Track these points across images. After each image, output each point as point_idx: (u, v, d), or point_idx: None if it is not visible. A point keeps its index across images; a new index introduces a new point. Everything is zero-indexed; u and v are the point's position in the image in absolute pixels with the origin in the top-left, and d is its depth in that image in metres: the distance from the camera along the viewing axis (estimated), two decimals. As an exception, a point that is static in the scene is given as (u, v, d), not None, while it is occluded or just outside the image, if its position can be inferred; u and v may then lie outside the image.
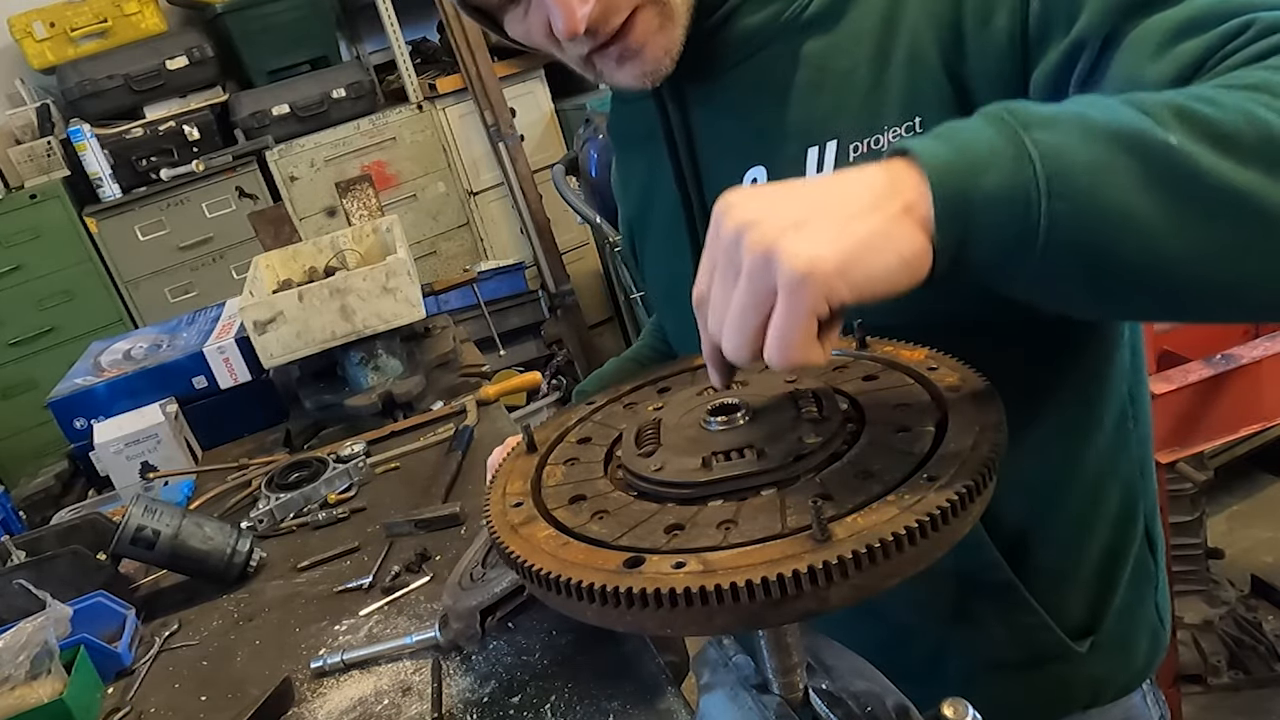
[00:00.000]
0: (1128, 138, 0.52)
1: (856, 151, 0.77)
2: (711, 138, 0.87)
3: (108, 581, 1.37)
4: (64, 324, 3.79)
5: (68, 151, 3.72)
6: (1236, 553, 2.70)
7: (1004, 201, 0.52)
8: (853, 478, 0.57)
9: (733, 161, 0.85)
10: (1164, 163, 0.51)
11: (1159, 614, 0.98)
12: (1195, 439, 1.90)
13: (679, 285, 0.93)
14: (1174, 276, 0.53)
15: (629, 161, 1.03)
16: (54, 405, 1.99)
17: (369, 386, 1.99)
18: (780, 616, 0.51)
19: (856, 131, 0.78)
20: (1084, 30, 0.66)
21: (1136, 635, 0.96)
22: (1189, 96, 0.54)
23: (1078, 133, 0.53)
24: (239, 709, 1.08)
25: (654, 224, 0.99)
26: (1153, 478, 0.95)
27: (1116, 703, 0.95)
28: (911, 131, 0.75)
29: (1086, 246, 0.52)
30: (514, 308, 4.13)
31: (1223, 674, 2.34)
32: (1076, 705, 0.94)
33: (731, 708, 0.68)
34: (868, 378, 0.69)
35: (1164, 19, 0.62)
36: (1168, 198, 0.51)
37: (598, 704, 0.96)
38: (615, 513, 0.60)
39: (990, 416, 0.59)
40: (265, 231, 2.47)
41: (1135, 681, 0.96)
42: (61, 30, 3.74)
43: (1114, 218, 0.51)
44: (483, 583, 0.99)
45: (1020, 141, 0.52)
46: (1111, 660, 0.94)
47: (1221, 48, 0.59)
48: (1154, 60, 0.62)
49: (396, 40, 4.04)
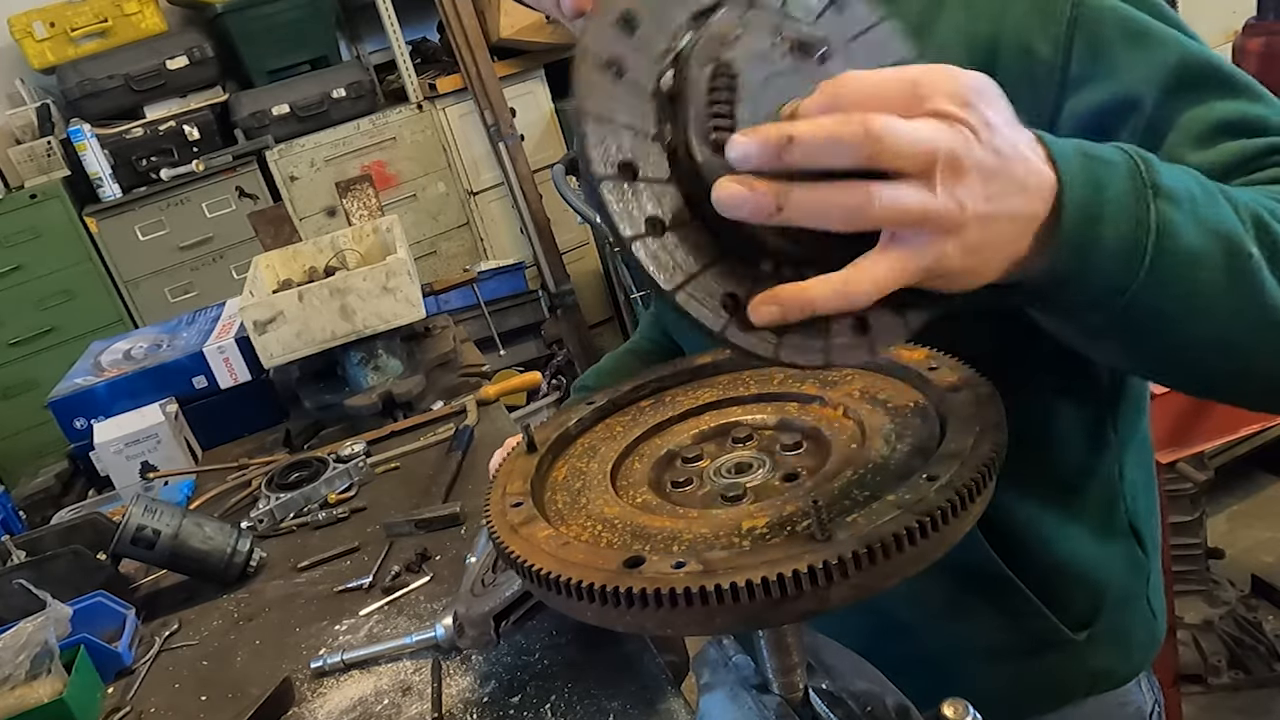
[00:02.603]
0: (1225, 238, 0.57)
1: None
2: None
3: (108, 581, 1.37)
4: (64, 324, 3.79)
5: (68, 151, 3.72)
6: (1237, 553, 2.70)
7: (1111, 258, 0.54)
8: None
9: None
10: (1244, 271, 0.57)
11: (1152, 607, 0.99)
12: (1195, 439, 1.90)
13: None
14: (1207, 362, 0.61)
15: None
16: (54, 405, 1.99)
17: (369, 386, 1.99)
18: (780, 616, 0.51)
19: None
20: (1137, 90, 0.70)
21: (1131, 628, 0.96)
22: (1261, 207, 0.60)
23: (1191, 219, 0.56)
24: (239, 709, 1.08)
25: None
26: (1143, 471, 0.95)
27: (1113, 690, 0.96)
28: None
29: (1156, 319, 0.57)
30: (514, 308, 4.13)
31: (1223, 674, 2.34)
32: (1076, 694, 0.95)
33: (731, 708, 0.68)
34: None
35: (1212, 110, 0.68)
36: (1238, 302, 0.57)
37: (598, 704, 0.96)
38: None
39: (990, 416, 0.59)
40: (265, 231, 2.47)
41: (1133, 673, 0.97)
42: (61, 30, 3.74)
43: (1193, 307, 0.57)
44: (494, 588, 0.98)
45: (1145, 205, 0.55)
46: (1108, 652, 0.94)
47: (1257, 158, 0.66)
48: (1197, 148, 0.68)
49: (396, 40, 4.04)
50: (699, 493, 0.65)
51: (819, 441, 0.67)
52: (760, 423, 0.71)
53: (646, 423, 0.74)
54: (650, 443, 0.73)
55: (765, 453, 0.67)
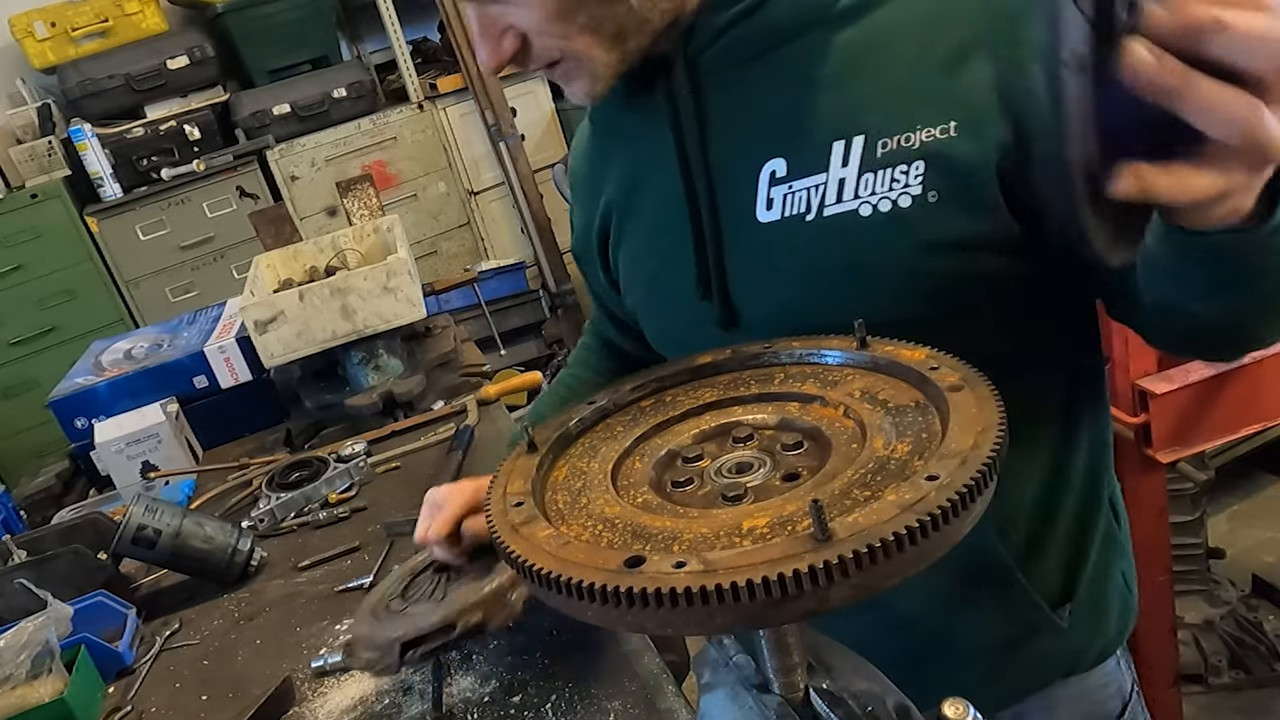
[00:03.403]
0: None
1: (885, 147, 0.77)
2: (727, 127, 0.85)
3: (108, 581, 1.37)
4: (65, 324, 3.80)
5: (68, 151, 3.72)
6: (1237, 552, 2.70)
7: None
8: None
9: (751, 152, 0.83)
10: None
11: (1126, 582, 1.00)
12: (1195, 439, 1.90)
13: (667, 281, 0.92)
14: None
15: (606, 149, 0.98)
16: (55, 405, 1.99)
17: (369, 386, 1.99)
18: (780, 616, 0.51)
19: (887, 127, 0.77)
20: None
21: (1107, 603, 0.97)
22: None
23: None
24: (239, 708, 1.08)
25: (640, 216, 0.95)
26: (1110, 448, 0.97)
27: (1092, 670, 0.97)
28: (946, 134, 0.75)
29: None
30: (515, 307, 4.14)
31: (1223, 674, 2.34)
32: (1056, 675, 0.96)
33: (732, 707, 0.68)
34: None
35: None
36: None
37: (598, 704, 0.96)
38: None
39: (991, 416, 0.59)
40: (266, 231, 2.47)
41: (1110, 649, 0.98)
42: (62, 30, 3.75)
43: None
44: (403, 616, 0.98)
45: None
46: (1085, 629, 0.95)
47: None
48: None
49: (397, 40, 4.04)
50: (699, 492, 0.65)
51: (819, 441, 0.67)
52: (761, 422, 0.71)
53: (647, 422, 0.74)
54: (651, 442, 0.73)
55: (766, 452, 0.67)
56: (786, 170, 0.81)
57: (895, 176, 0.76)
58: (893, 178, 0.76)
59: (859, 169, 0.77)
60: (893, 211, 0.77)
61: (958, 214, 0.76)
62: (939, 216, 0.76)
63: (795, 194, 0.81)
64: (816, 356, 0.76)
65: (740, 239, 0.85)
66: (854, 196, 0.78)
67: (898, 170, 0.76)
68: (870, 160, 0.77)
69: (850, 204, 0.78)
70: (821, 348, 0.76)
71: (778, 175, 0.82)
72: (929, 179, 0.75)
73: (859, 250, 0.79)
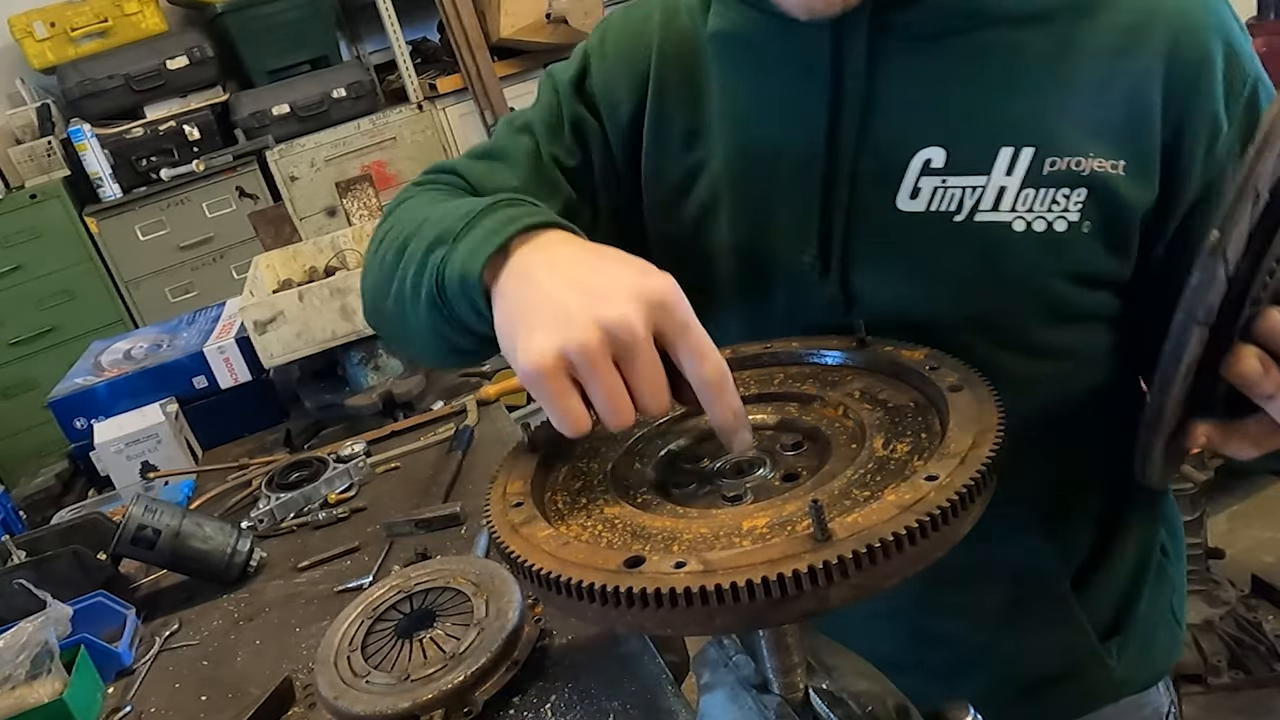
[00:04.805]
0: None
1: (1054, 166, 0.74)
2: (892, 102, 0.78)
3: (108, 581, 1.37)
4: (64, 324, 3.79)
5: (68, 151, 3.72)
6: (1237, 553, 2.70)
7: None
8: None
9: (909, 133, 0.78)
10: None
11: (1175, 615, 0.99)
12: (1195, 439, 1.90)
13: (778, 248, 0.83)
14: None
15: (713, 67, 0.86)
16: (54, 405, 1.99)
17: (369, 386, 1.99)
18: (780, 616, 0.51)
19: (1061, 146, 0.74)
20: None
21: (1157, 636, 0.97)
22: None
23: None
24: (239, 709, 1.08)
25: (747, 162, 0.85)
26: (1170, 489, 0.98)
27: (1134, 696, 0.97)
28: (1115, 170, 0.74)
29: None
30: (514, 307, 4.13)
31: (1223, 674, 2.34)
32: (1100, 703, 0.96)
33: (732, 707, 0.68)
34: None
35: None
36: None
37: (598, 704, 0.96)
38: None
39: (990, 417, 0.59)
40: (265, 231, 2.47)
41: (1154, 680, 0.98)
42: (62, 30, 3.74)
43: None
44: (364, 691, 0.91)
45: None
46: (1134, 662, 0.95)
47: None
48: None
49: (397, 40, 4.04)
50: (699, 493, 0.65)
51: (819, 441, 0.67)
52: (761, 423, 0.71)
53: (647, 423, 0.74)
54: (651, 443, 0.73)
55: (765, 453, 0.67)
56: (945, 162, 0.77)
57: (1056, 198, 0.74)
58: (1053, 199, 0.74)
59: (1022, 181, 0.75)
60: (1047, 233, 0.75)
61: (1103, 249, 0.76)
62: (1087, 248, 0.75)
63: (949, 190, 0.77)
64: (816, 356, 0.76)
65: (871, 221, 0.80)
66: (1010, 208, 0.76)
67: (1059, 192, 0.74)
68: (1035, 175, 0.75)
69: (1005, 215, 0.76)
70: (821, 348, 0.76)
71: (932, 165, 0.77)
72: (1088, 209, 0.74)
73: (1002, 264, 0.76)
